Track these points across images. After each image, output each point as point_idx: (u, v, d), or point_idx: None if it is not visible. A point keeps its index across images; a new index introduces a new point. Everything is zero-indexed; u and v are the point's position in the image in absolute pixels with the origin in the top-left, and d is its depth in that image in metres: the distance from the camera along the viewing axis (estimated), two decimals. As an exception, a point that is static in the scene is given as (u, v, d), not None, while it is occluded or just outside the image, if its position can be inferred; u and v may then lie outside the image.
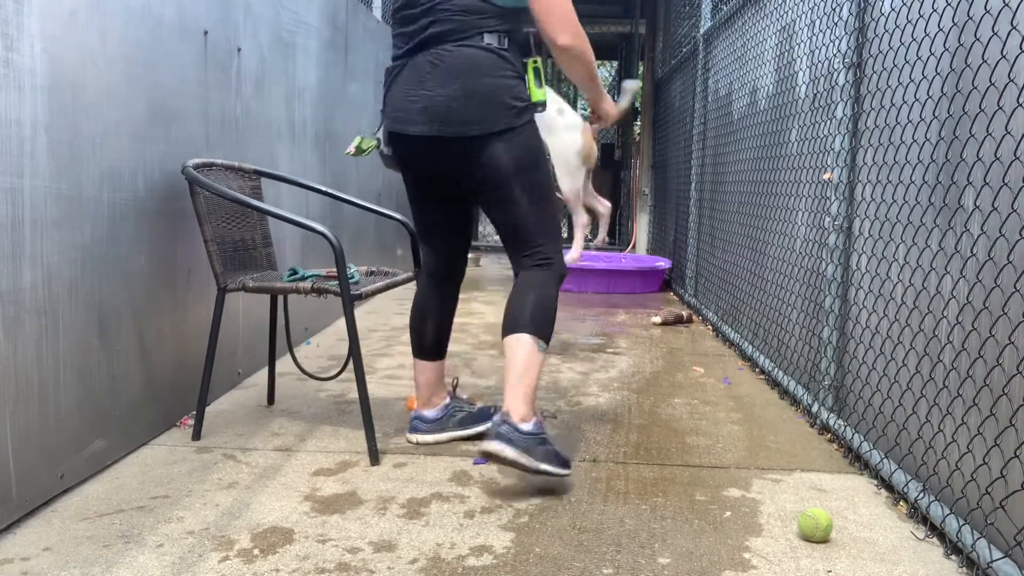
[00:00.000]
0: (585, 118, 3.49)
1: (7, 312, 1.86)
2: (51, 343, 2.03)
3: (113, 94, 2.28)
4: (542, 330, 2.24)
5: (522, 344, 2.21)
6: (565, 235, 11.22)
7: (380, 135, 2.41)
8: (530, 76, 2.31)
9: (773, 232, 3.67)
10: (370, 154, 2.41)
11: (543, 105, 2.31)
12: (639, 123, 9.43)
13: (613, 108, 2.61)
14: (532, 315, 2.23)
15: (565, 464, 2.21)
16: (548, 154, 3.99)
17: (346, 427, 2.73)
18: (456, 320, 4.82)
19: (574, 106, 12.12)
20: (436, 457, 2.47)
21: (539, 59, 2.32)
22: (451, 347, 4.07)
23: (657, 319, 5.05)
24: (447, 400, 2.61)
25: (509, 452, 2.10)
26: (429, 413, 2.57)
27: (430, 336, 2.55)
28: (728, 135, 4.71)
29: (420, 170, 2.39)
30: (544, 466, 2.15)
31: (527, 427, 2.14)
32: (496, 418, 2.17)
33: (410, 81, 2.27)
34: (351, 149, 2.47)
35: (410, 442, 2.56)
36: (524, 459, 2.11)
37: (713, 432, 2.82)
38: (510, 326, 2.25)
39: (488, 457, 2.12)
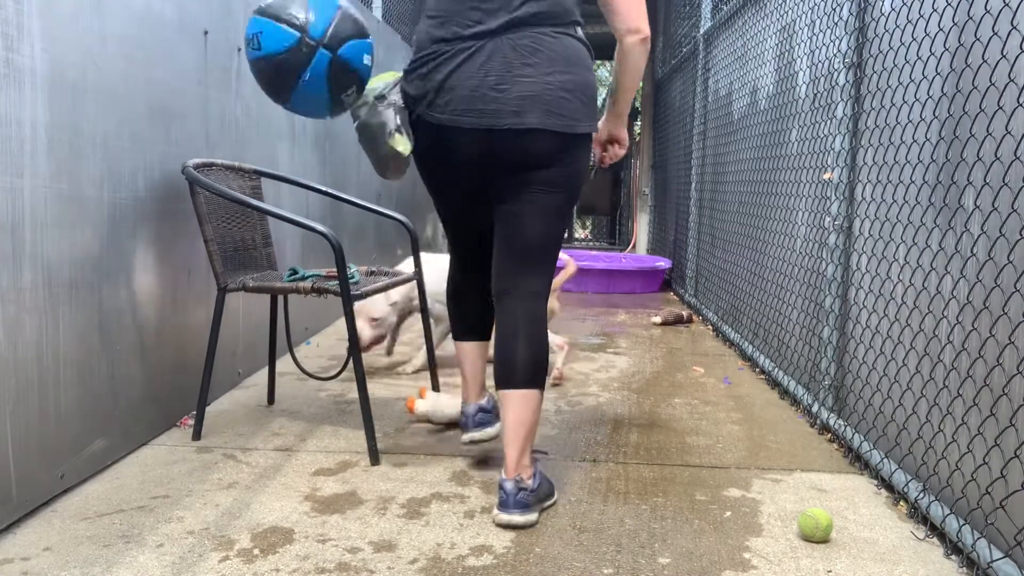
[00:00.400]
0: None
1: (7, 312, 1.86)
2: (51, 343, 2.03)
3: (113, 94, 2.28)
4: (536, 379, 2.05)
5: (531, 402, 2.03)
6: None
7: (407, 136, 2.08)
8: None
9: (773, 232, 3.67)
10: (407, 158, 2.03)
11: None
12: (639, 123, 9.43)
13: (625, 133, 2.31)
14: (538, 364, 2.04)
15: (551, 489, 2.15)
16: None
17: (346, 427, 2.73)
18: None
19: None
20: (436, 457, 2.47)
21: None
22: (451, 346, 4.07)
23: (657, 319, 5.05)
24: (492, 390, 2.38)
25: (532, 516, 2.02)
26: (485, 402, 2.34)
27: (477, 311, 2.30)
28: (728, 135, 4.71)
29: (468, 177, 2.09)
30: (547, 503, 2.12)
31: (533, 483, 2.04)
32: (509, 486, 2.00)
33: (492, 66, 1.95)
34: (401, 149, 2.06)
35: (482, 439, 2.32)
36: (533, 515, 2.03)
37: (713, 432, 2.82)
38: (515, 376, 2.03)
39: (506, 527, 2.01)
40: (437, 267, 3.31)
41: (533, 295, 2.07)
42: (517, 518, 1.99)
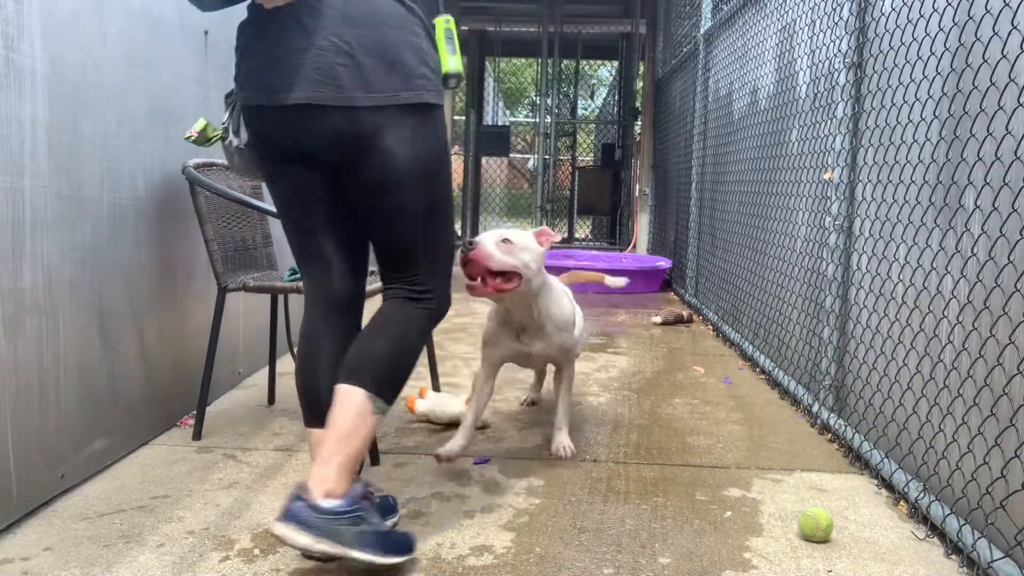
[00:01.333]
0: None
1: (7, 312, 1.86)
2: (51, 343, 2.03)
3: (113, 94, 2.28)
4: (386, 387, 1.73)
5: (353, 401, 1.69)
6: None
7: (227, 122, 1.84)
8: (440, 39, 1.76)
9: (774, 232, 3.67)
10: (214, 143, 1.86)
11: (457, 78, 1.75)
12: (639, 123, 9.43)
13: None
14: (379, 364, 1.73)
15: (399, 548, 1.73)
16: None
17: (346, 427, 2.73)
18: (456, 320, 4.82)
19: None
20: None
21: (452, 18, 1.78)
22: (451, 346, 4.07)
23: (657, 319, 5.05)
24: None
25: (301, 539, 1.60)
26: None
27: (328, 391, 1.77)
28: (728, 135, 4.71)
29: (292, 165, 1.78)
30: (356, 553, 1.64)
31: (330, 504, 1.63)
32: (291, 490, 1.67)
33: (277, 35, 1.66)
34: (192, 133, 1.86)
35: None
36: (324, 545, 1.61)
37: (713, 432, 2.82)
38: (347, 371, 1.72)
39: (283, 541, 1.63)
40: None
41: (402, 298, 1.84)
42: (279, 528, 1.62)
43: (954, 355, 2.03)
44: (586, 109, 16.22)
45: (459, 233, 10.37)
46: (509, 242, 2.15)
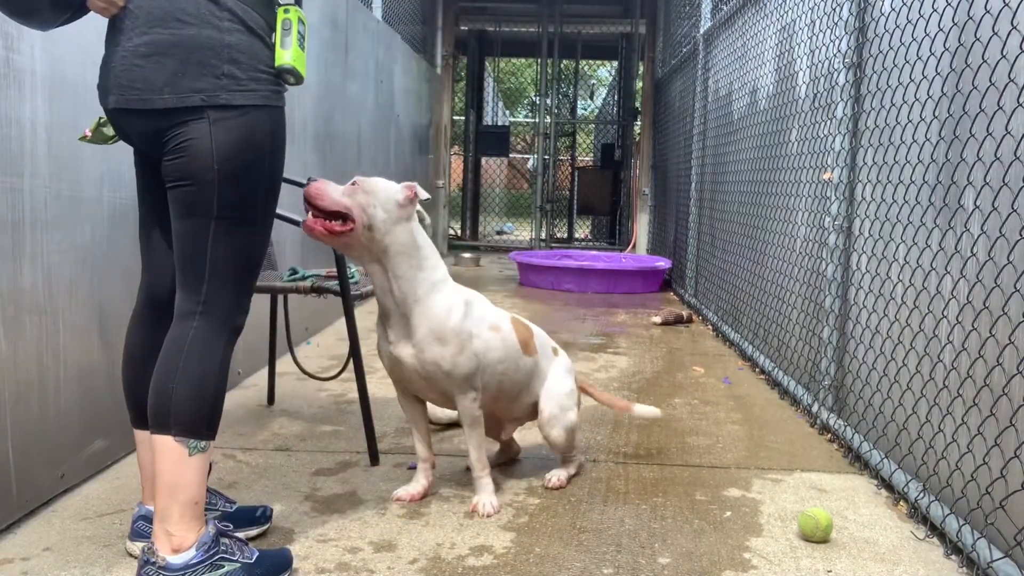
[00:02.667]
0: None
1: (7, 311, 1.86)
2: (51, 343, 2.03)
3: (113, 94, 2.28)
4: (194, 422, 1.60)
5: (165, 449, 1.59)
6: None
7: None
8: (277, 30, 1.66)
9: (773, 232, 3.67)
10: (116, 142, 1.78)
11: (293, 74, 1.66)
12: (639, 123, 9.43)
13: None
14: (179, 402, 1.59)
15: (274, 570, 1.69)
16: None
17: (346, 427, 2.73)
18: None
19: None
20: (436, 457, 2.46)
21: (294, 8, 1.69)
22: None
23: (657, 319, 5.05)
24: None
25: None
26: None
27: (144, 392, 1.71)
28: (728, 135, 4.71)
29: (138, 162, 1.77)
30: None
31: (181, 560, 1.57)
32: (140, 554, 1.61)
33: (109, 38, 1.67)
34: (87, 132, 1.81)
35: (130, 553, 1.79)
36: None
37: (713, 432, 2.82)
38: (151, 418, 1.62)
39: None
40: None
41: (179, 315, 1.66)
42: None
43: (954, 355, 2.03)
44: (586, 109, 16.22)
45: (457, 232, 10.37)
46: (355, 184, 1.93)
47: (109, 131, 1.77)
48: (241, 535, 1.78)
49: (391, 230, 1.95)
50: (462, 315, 2.02)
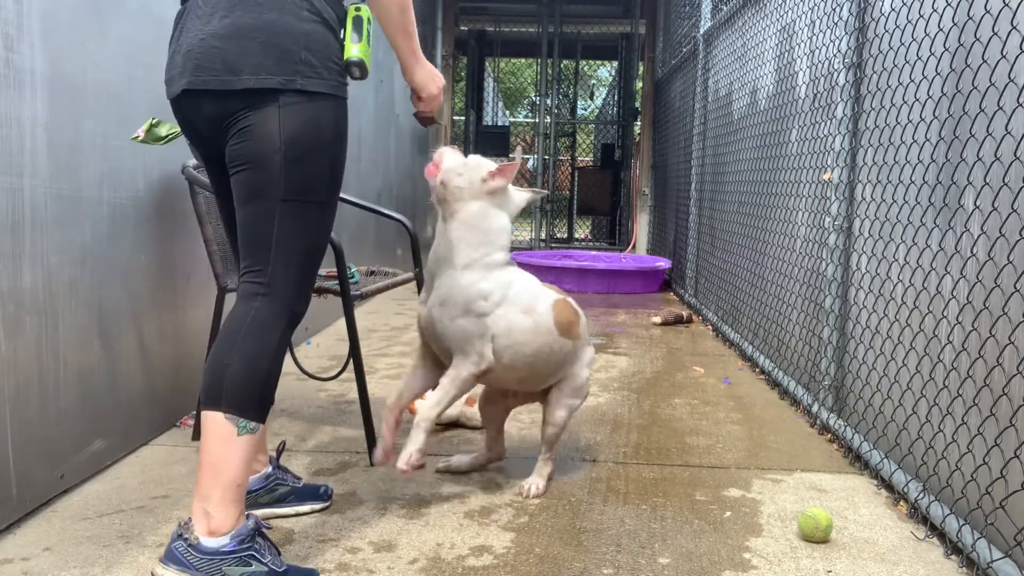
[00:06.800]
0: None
1: (7, 312, 1.86)
2: (51, 343, 2.03)
3: (113, 94, 2.28)
4: (246, 401, 1.60)
5: (213, 427, 1.59)
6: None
7: None
8: (348, 25, 1.71)
9: (773, 232, 3.67)
10: (172, 141, 1.79)
11: (360, 67, 1.70)
12: (639, 123, 9.43)
13: (435, 82, 1.92)
14: (231, 382, 1.59)
15: None
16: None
17: (346, 427, 2.73)
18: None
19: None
20: (436, 458, 2.46)
21: (364, 6, 1.74)
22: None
23: (657, 319, 5.05)
24: (268, 469, 2.01)
25: None
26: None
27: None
28: (728, 135, 4.71)
29: (208, 158, 1.79)
30: None
31: (213, 544, 1.55)
32: (174, 529, 1.61)
33: (183, 27, 1.69)
34: (139, 133, 1.79)
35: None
36: None
37: (713, 432, 2.82)
38: (203, 395, 1.62)
39: None
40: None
41: (242, 296, 1.67)
42: (159, 570, 1.56)
43: (954, 355, 2.03)
44: (585, 109, 16.22)
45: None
46: (467, 159, 2.11)
47: (162, 130, 1.76)
48: (307, 508, 2.01)
49: (464, 198, 2.06)
50: (486, 292, 2.04)
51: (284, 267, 1.66)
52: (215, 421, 1.59)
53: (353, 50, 1.69)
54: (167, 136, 1.80)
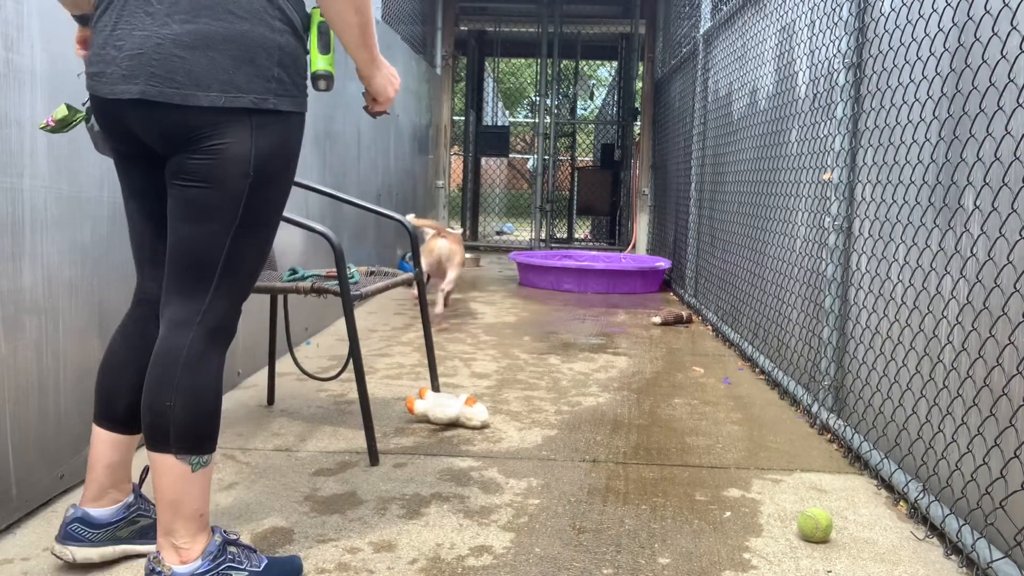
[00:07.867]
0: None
1: (7, 312, 1.86)
2: (51, 343, 2.03)
3: (113, 94, 2.28)
4: (196, 437, 1.54)
5: (165, 467, 1.54)
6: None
7: (88, 102, 1.65)
8: (313, 35, 1.60)
9: (773, 232, 3.67)
10: (76, 127, 1.70)
11: (327, 80, 1.60)
12: (639, 123, 9.43)
13: (393, 85, 1.77)
14: (178, 421, 1.53)
15: None
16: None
17: (346, 427, 2.74)
18: (454, 320, 4.82)
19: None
20: (436, 458, 2.47)
21: None
22: (450, 347, 4.07)
23: (657, 319, 5.05)
24: (130, 498, 1.77)
25: None
26: (98, 512, 1.72)
27: (127, 396, 1.69)
28: (728, 135, 4.71)
29: (130, 156, 1.63)
30: None
31: (186, 570, 1.54)
32: (146, 562, 1.56)
33: (121, 15, 1.50)
34: (49, 122, 1.69)
35: (60, 557, 1.70)
36: None
37: (713, 432, 2.82)
38: (147, 437, 1.55)
39: None
40: None
41: (173, 324, 1.56)
42: None
43: (954, 355, 2.03)
44: (585, 109, 16.22)
45: (457, 229, 10.36)
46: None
47: (73, 116, 1.64)
48: (248, 542, 1.77)
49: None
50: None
51: (227, 292, 1.57)
52: (166, 463, 1.53)
53: (320, 63, 1.59)
54: (73, 122, 1.67)
